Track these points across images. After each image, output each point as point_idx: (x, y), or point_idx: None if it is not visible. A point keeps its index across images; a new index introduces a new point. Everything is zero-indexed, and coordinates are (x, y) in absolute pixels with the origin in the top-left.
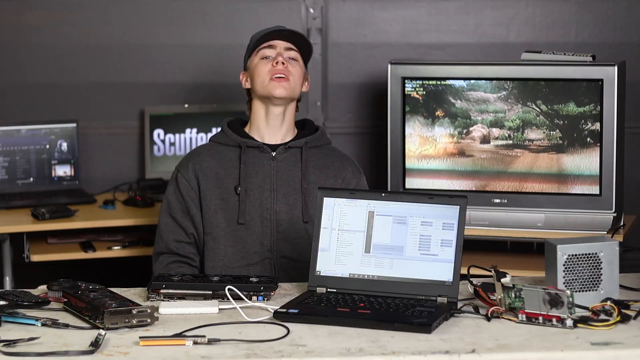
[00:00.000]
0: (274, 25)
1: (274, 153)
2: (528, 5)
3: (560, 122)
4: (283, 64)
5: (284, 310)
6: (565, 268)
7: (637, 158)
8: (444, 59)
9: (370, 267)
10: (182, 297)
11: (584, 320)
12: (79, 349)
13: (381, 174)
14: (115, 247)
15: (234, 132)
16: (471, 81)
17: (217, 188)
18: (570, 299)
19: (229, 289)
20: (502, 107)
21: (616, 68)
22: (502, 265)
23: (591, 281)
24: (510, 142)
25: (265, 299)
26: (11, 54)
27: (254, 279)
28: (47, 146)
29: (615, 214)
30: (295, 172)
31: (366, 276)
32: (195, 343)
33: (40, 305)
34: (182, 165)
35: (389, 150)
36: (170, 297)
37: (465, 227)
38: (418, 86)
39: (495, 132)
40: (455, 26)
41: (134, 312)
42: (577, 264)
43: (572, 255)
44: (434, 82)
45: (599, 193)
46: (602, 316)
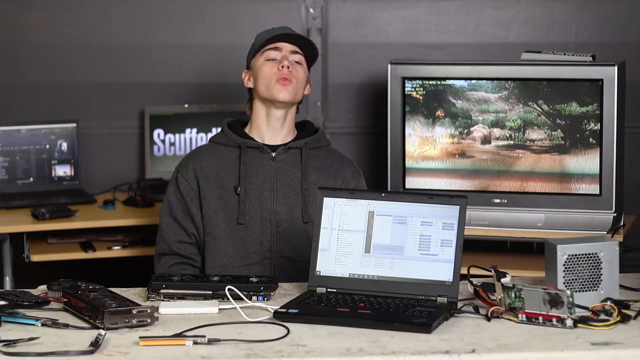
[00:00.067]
0: (279, 26)
1: (273, 153)
2: (528, 5)
3: (563, 122)
4: (288, 67)
5: (284, 310)
6: (565, 268)
7: (637, 158)
8: (444, 59)
9: (370, 267)
10: (182, 297)
11: (584, 320)
12: (79, 349)
13: (381, 174)
14: (115, 247)
15: (234, 132)
16: (472, 81)
17: (217, 188)
18: (570, 299)
19: (229, 289)
20: (503, 107)
21: (616, 68)
22: (502, 265)
23: (591, 281)
24: (512, 142)
25: (265, 299)
26: (11, 54)
27: (254, 279)
28: (47, 146)
29: (615, 214)
30: (295, 172)
31: (366, 276)
32: (195, 343)
33: (40, 305)
34: (182, 165)
35: (389, 150)
36: (170, 297)
37: (465, 227)
38: (418, 86)
39: (496, 132)
40: (455, 26)
41: (134, 312)
42: (577, 264)
43: (572, 255)
44: (434, 82)
45: (599, 193)
46: (602, 316)
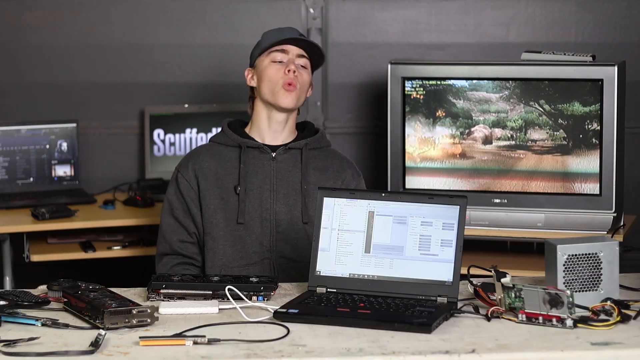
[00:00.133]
0: (286, 27)
1: (273, 154)
2: (528, 5)
3: (565, 122)
4: (294, 72)
5: (284, 310)
6: (565, 268)
7: (637, 158)
8: (444, 59)
9: (370, 267)
10: (182, 297)
11: (584, 320)
12: (79, 349)
13: (381, 174)
14: (115, 247)
15: (234, 132)
16: (473, 81)
17: (217, 188)
18: (570, 299)
19: (229, 289)
20: (504, 107)
21: (616, 68)
22: (502, 265)
23: (591, 281)
24: (513, 142)
25: (265, 299)
26: (11, 54)
27: (254, 279)
28: (47, 146)
29: (615, 214)
30: (295, 173)
31: (366, 276)
32: (195, 343)
33: (40, 305)
34: (182, 165)
35: (389, 150)
36: (170, 297)
37: (465, 227)
38: (418, 86)
39: (497, 132)
40: (455, 26)
41: (134, 312)
42: (577, 264)
43: (572, 255)
44: (434, 82)
45: (599, 193)
46: (602, 316)
